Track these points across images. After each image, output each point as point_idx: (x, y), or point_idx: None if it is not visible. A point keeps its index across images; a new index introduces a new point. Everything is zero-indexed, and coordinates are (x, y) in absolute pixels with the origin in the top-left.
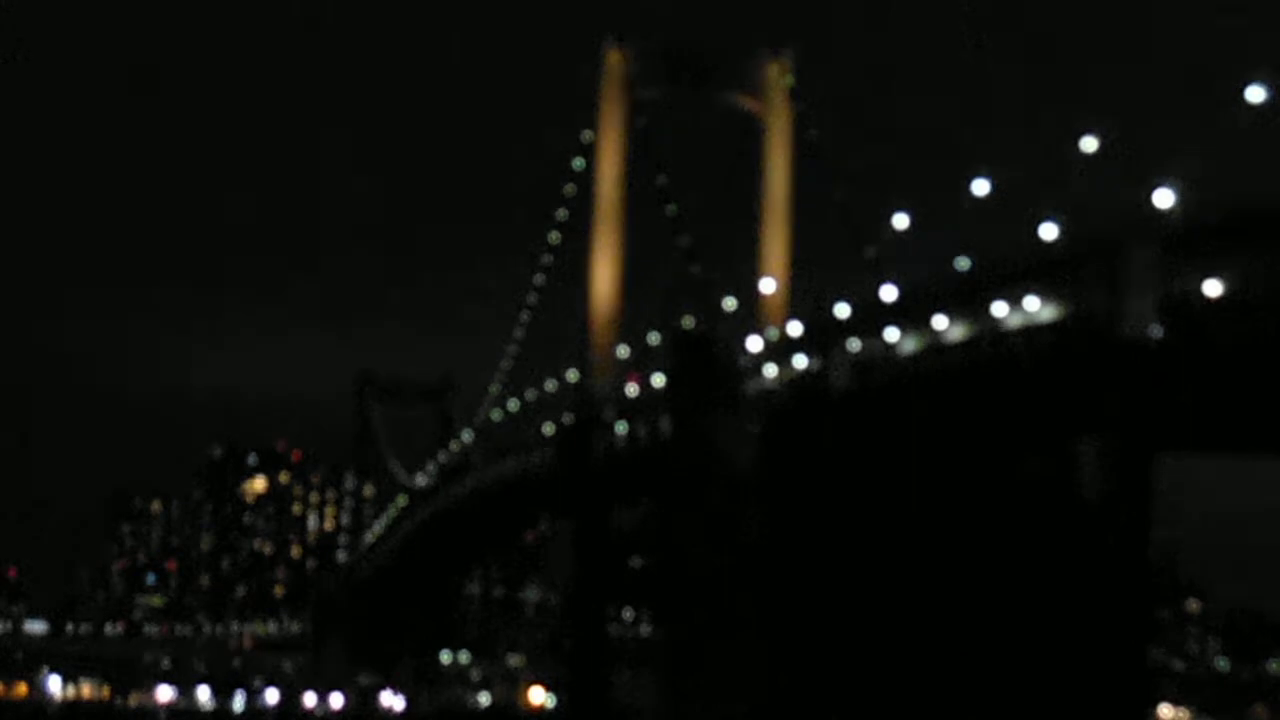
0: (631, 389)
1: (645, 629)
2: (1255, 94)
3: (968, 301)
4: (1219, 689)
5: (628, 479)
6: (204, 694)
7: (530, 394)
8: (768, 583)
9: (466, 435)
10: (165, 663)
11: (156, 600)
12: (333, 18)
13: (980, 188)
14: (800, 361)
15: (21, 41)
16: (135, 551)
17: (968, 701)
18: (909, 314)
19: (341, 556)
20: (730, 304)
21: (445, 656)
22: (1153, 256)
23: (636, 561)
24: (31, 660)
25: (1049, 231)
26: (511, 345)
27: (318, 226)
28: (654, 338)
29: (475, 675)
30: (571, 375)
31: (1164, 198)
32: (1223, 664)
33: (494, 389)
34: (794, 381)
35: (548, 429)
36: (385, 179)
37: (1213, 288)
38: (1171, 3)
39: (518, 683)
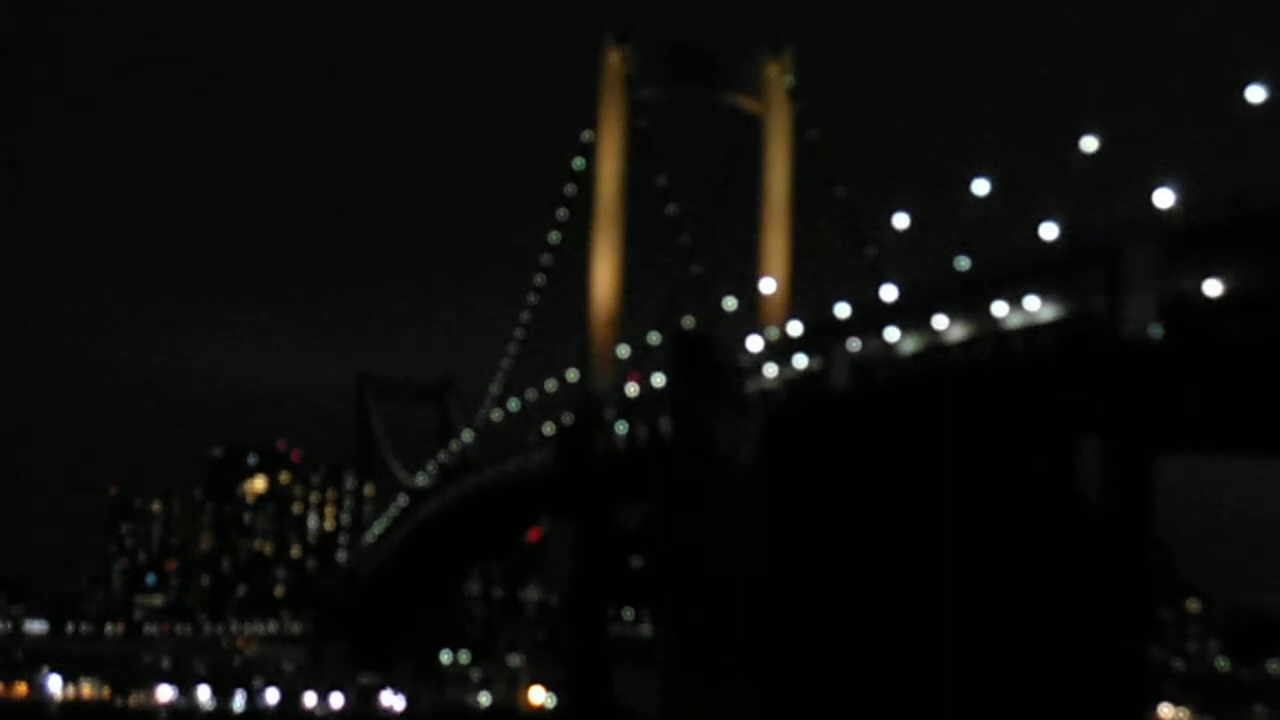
0: (632, 389)
1: (645, 629)
2: (1255, 94)
3: (968, 301)
4: (1219, 688)
5: (628, 479)
6: (204, 694)
7: (530, 394)
8: (768, 581)
9: (467, 435)
10: (165, 662)
11: (156, 600)
12: (333, 17)
13: (980, 188)
14: (800, 361)
15: (14, 35)
16: (135, 551)
17: (969, 699)
18: (909, 314)
19: (342, 556)
20: (730, 304)
21: (445, 656)
22: (1153, 256)
23: (637, 561)
24: (32, 660)
25: (1049, 231)
26: (512, 345)
27: (318, 227)
28: (654, 337)
29: (475, 675)
30: (572, 375)
31: (1164, 198)
32: (1223, 663)
33: (494, 389)
34: (794, 381)
35: (548, 429)
36: (385, 178)
37: (1213, 288)
38: (1172, 3)
39: (518, 682)
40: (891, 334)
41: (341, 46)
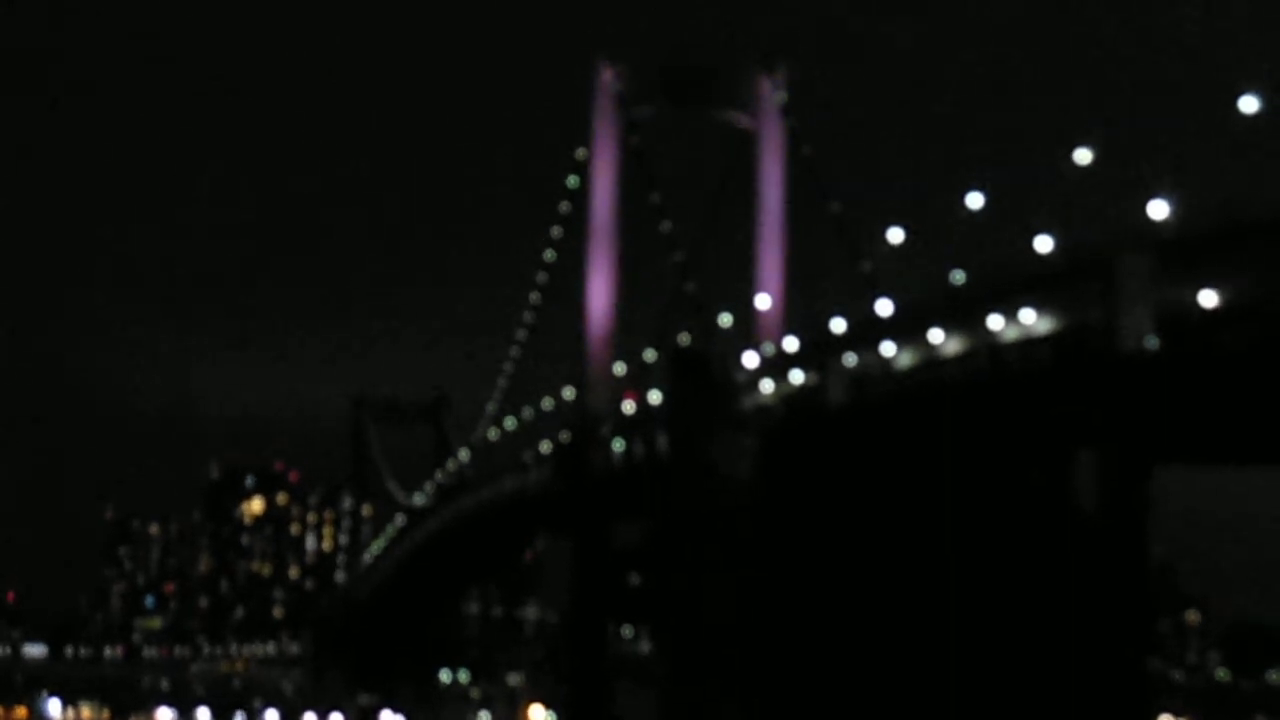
0: (628, 406)
1: (644, 646)
2: (1249, 104)
3: (963, 315)
4: (1219, 700)
5: (625, 496)
6: (203, 715)
7: (527, 412)
8: (766, 598)
9: (464, 454)
10: (164, 684)
11: (155, 623)
12: (328, 36)
13: (975, 201)
14: (797, 377)
15: (22, 51)
16: (134, 574)
17: (969, 714)
18: (905, 328)
19: (340, 577)
20: (726, 320)
21: (445, 675)
22: (1148, 268)
23: (635, 579)
24: (31, 683)
25: (1044, 244)
26: (508, 364)
27: (315, 247)
28: (650, 355)
29: (475, 694)
30: (568, 393)
31: (1158, 209)
32: (1223, 675)
33: (491, 407)
34: (790, 397)
35: (545, 447)
36: (380, 198)
37: (1208, 298)
38: (1166, 14)
39: (517, 701)
40: (887, 349)
41: (336, 67)
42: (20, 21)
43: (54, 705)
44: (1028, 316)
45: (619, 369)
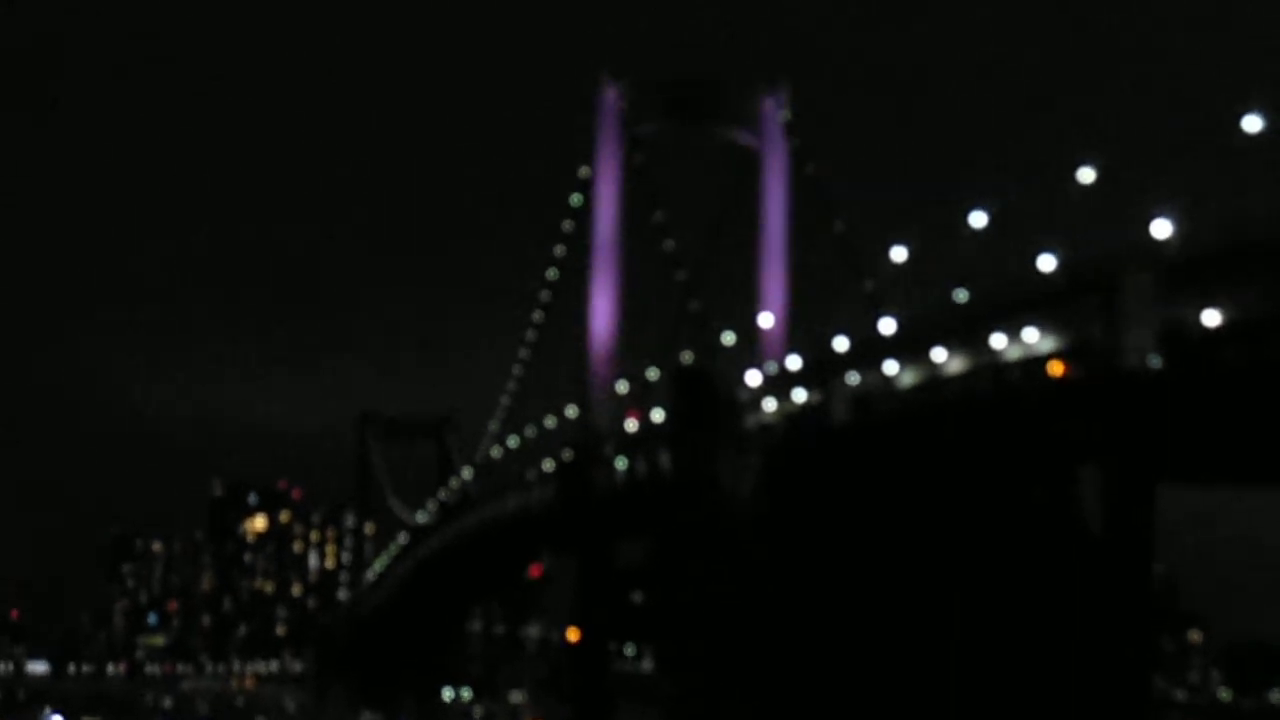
0: (631, 424)
1: (647, 665)
2: (1252, 123)
3: (967, 334)
4: (1222, 719)
5: (628, 514)
6: None
7: (530, 430)
8: (770, 617)
9: (467, 472)
10: (167, 702)
11: (158, 640)
12: (334, 47)
13: (978, 220)
14: (800, 395)
15: (22, 51)
16: (137, 592)
17: None
18: (908, 347)
19: (343, 595)
20: (729, 338)
21: (447, 694)
22: (1151, 286)
23: (638, 597)
24: (34, 699)
25: (1047, 263)
26: (511, 382)
27: (318, 264)
28: (653, 373)
29: (478, 712)
30: (571, 411)
31: (1161, 228)
32: (1225, 694)
33: (494, 426)
34: (793, 415)
35: (548, 465)
36: (384, 216)
37: (1211, 317)
38: (1169, 31)
39: (520, 719)
40: (890, 367)
41: (341, 80)
42: (20, 21)
43: None
44: (1031, 335)
45: (622, 387)
